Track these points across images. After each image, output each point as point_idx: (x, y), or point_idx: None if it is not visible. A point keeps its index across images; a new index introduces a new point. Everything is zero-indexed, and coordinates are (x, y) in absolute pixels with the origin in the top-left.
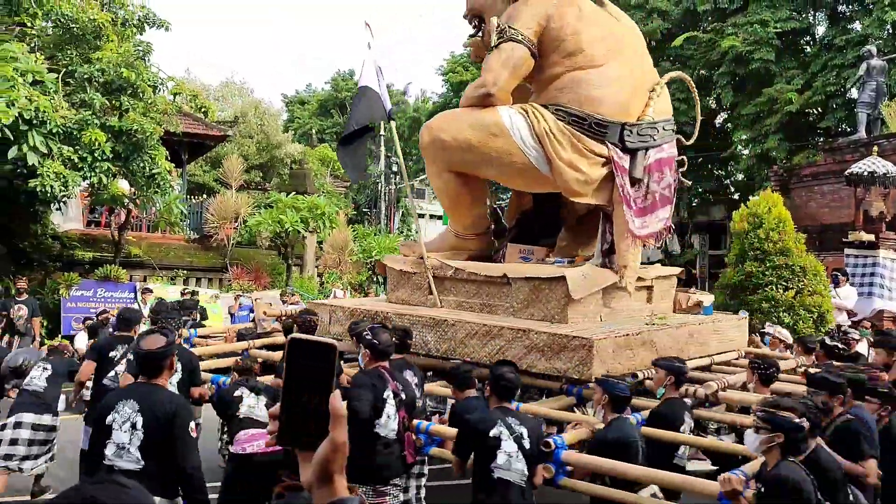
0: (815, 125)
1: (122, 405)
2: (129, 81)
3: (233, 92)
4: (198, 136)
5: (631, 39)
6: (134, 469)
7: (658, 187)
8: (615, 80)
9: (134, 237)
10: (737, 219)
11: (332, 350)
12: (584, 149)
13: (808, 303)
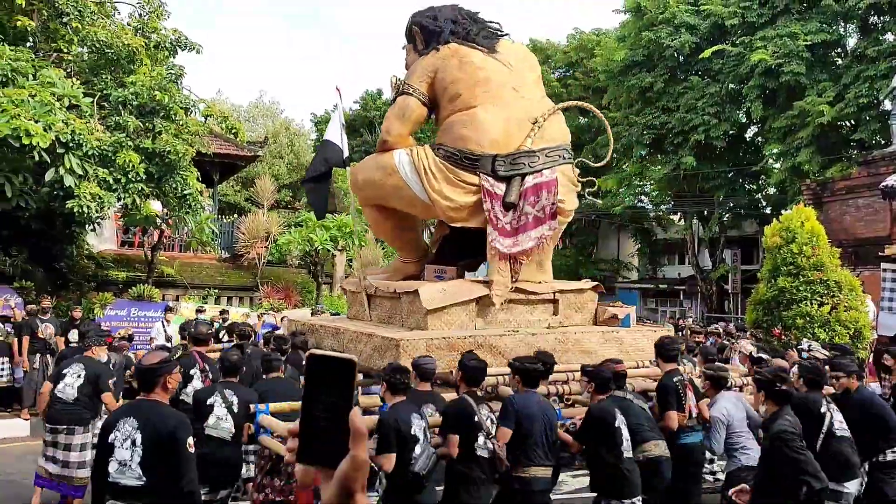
0: (848, 138)
1: (122, 423)
2: (161, 104)
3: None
4: (229, 157)
5: (516, 79)
6: (136, 485)
7: (533, 209)
8: (486, 119)
9: (166, 257)
10: (769, 234)
11: (352, 366)
12: (457, 180)
13: (844, 318)
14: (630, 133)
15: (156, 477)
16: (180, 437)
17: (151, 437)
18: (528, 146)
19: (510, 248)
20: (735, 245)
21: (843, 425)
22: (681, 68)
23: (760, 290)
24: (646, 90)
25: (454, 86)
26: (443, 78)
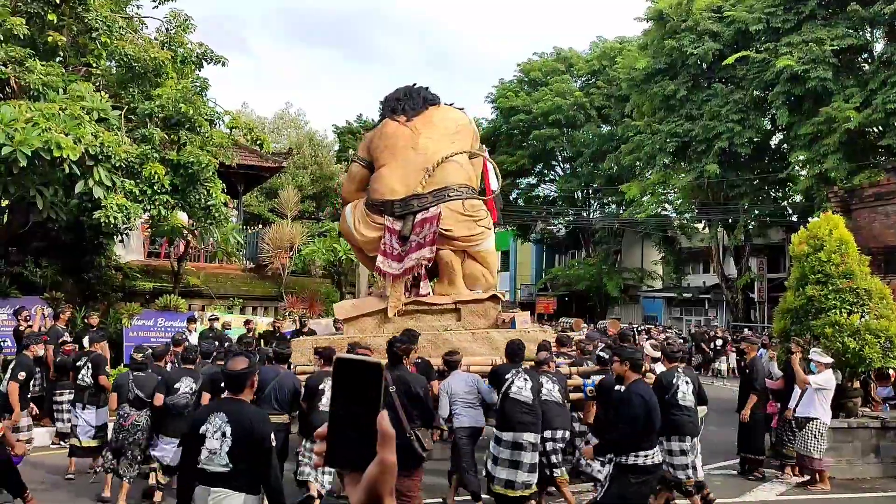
0: (876, 144)
1: (213, 417)
2: (187, 116)
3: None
4: (253, 168)
5: (419, 139)
6: (223, 471)
7: (417, 238)
8: (386, 174)
9: (193, 267)
10: (796, 241)
11: (380, 370)
12: (371, 221)
13: (875, 327)
14: (653, 141)
15: (240, 465)
16: (265, 433)
17: (240, 431)
18: (419, 190)
19: (398, 270)
20: (761, 253)
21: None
22: (704, 76)
23: (788, 299)
24: (669, 98)
25: (375, 151)
26: (372, 146)
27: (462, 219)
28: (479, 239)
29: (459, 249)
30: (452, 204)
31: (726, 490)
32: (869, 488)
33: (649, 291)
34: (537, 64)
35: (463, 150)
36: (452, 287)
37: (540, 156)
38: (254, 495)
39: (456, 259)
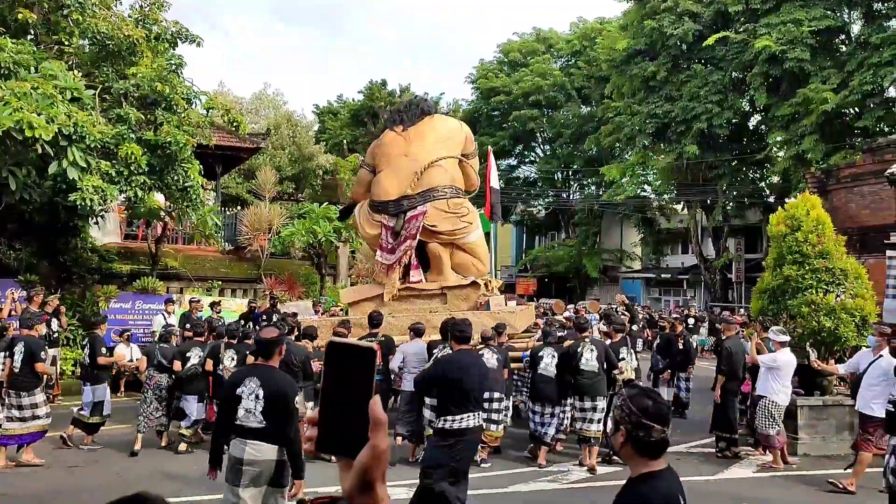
0: (852, 125)
1: (248, 381)
2: (163, 95)
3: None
4: (231, 149)
5: (411, 147)
6: (258, 427)
7: (406, 232)
8: (381, 178)
9: (170, 249)
10: (774, 222)
11: (372, 355)
12: (372, 219)
13: (850, 306)
14: (633, 122)
15: (272, 422)
16: (291, 395)
17: (271, 393)
18: (409, 192)
19: (390, 261)
20: (739, 234)
21: (588, 362)
22: (683, 57)
23: (766, 279)
24: (648, 79)
25: (375, 158)
26: (373, 154)
27: (446, 215)
28: (464, 232)
29: (447, 242)
30: (438, 203)
31: (702, 468)
32: (842, 464)
33: (628, 272)
34: (517, 44)
35: (452, 154)
36: (440, 275)
37: (520, 137)
38: (282, 446)
39: (444, 250)
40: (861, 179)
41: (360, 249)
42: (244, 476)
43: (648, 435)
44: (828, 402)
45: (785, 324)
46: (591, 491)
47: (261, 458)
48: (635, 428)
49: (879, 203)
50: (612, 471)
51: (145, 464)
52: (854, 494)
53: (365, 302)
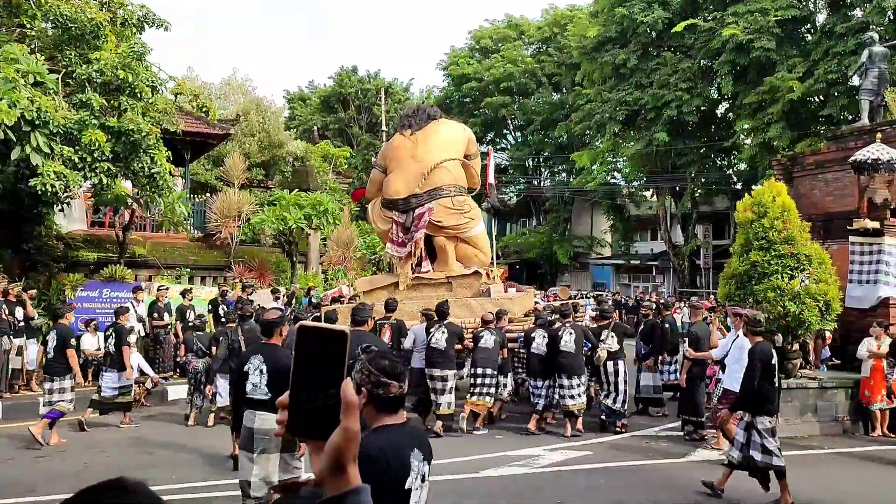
0: (818, 113)
1: (253, 358)
2: (127, 81)
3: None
4: (199, 135)
5: (417, 149)
6: (264, 399)
7: (415, 227)
8: (392, 178)
9: (138, 237)
10: (741, 208)
11: (344, 338)
12: (384, 216)
13: (814, 291)
14: (603, 110)
15: (276, 394)
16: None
17: (273, 368)
18: (417, 191)
19: (402, 253)
20: (707, 220)
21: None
22: (654, 44)
23: (733, 265)
24: (619, 66)
25: (386, 160)
26: (385, 156)
27: (451, 212)
28: (467, 227)
29: (451, 236)
30: (443, 200)
31: (670, 451)
32: (806, 446)
33: (598, 259)
34: (488, 31)
35: (455, 156)
36: (446, 266)
37: (491, 124)
38: None
39: (449, 243)
40: (825, 167)
41: (332, 237)
42: (256, 443)
43: (387, 391)
44: (792, 386)
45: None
46: (562, 474)
47: (268, 427)
48: (375, 386)
49: (843, 190)
50: (582, 455)
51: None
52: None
53: (378, 290)
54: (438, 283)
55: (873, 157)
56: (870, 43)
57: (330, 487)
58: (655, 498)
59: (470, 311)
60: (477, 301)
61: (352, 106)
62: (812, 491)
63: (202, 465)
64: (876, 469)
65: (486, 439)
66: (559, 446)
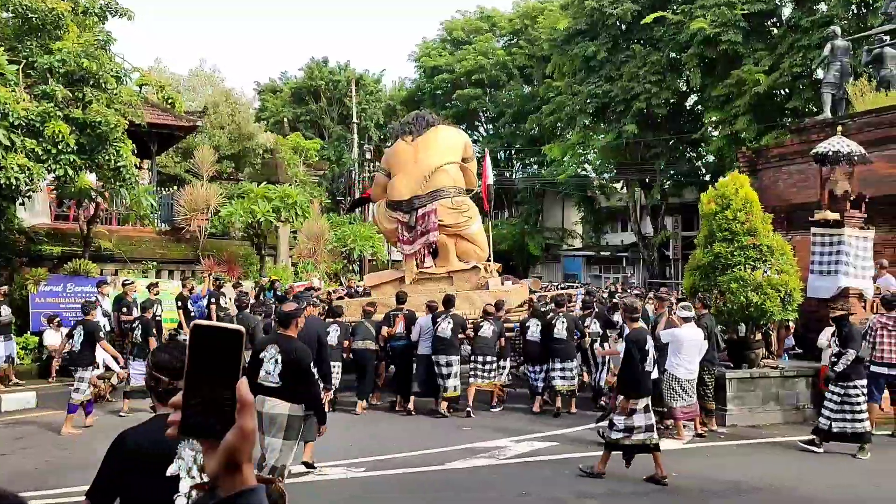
0: (783, 106)
1: (269, 347)
2: (91, 72)
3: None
4: (166, 128)
5: (418, 153)
6: (275, 387)
7: (420, 228)
8: (395, 182)
9: (103, 230)
10: (705, 200)
11: (239, 336)
12: (389, 216)
13: (775, 282)
14: (574, 102)
15: (286, 383)
16: (306, 360)
17: (287, 359)
18: (419, 193)
19: (409, 251)
20: (676, 212)
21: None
22: (623, 37)
23: (697, 256)
24: (589, 59)
25: (389, 165)
26: (388, 161)
27: (450, 211)
28: (465, 225)
29: (452, 234)
30: (443, 201)
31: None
32: (769, 434)
33: (569, 250)
34: (460, 23)
35: (454, 159)
36: (447, 261)
37: (463, 116)
38: (295, 404)
39: (449, 241)
40: (788, 159)
41: (302, 230)
42: (264, 424)
43: (158, 385)
44: (755, 375)
45: (716, 299)
46: (528, 466)
47: (276, 412)
48: (150, 379)
49: (805, 182)
50: (548, 445)
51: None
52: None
53: (385, 285)
54: (440, 278)
55: (834, 150)
56: (832, 37)
57: (224, 487)
58: (618, 488)
59: (470, 304)
60: (476, 294)
61: (323, 98)
62: (770, 479)
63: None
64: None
65: (453, 431)
66: (525, 437)
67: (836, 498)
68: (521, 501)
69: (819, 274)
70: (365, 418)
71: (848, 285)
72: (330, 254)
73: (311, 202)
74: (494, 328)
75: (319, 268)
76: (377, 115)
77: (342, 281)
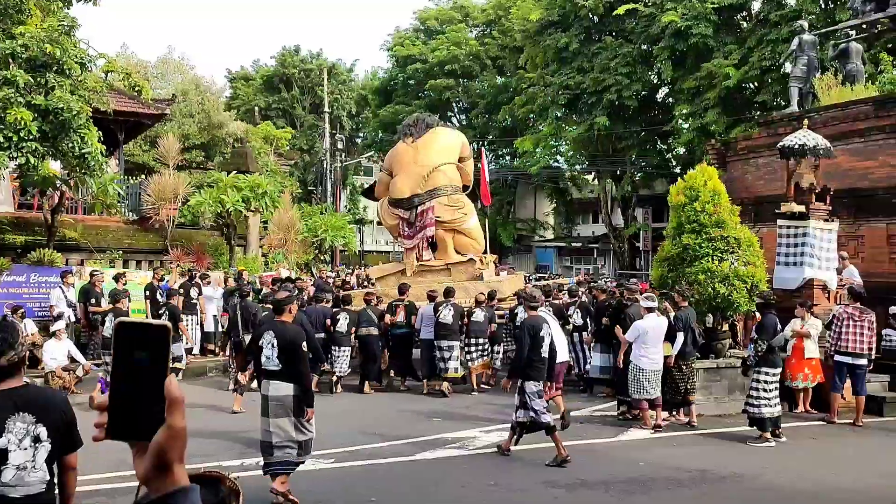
0: (752, 99)
1: (266, 334)
2: (54, 58)
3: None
4: (134, 115)
5: (417, 154)
6: (275, 369)
7: (420, 223)
8: (397, 181)
9: (69, 219)
10: (674, 192)
11: (165, 332)
12: (391, 212)
13: (742, 273)
14: (546, 93)
15: (285, 364)
16: (299, 342)
17: (283, 342)
18: (419, 191)
19: (409, 245)
20: (646, 204)
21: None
22: (595, 28)
23: (666, 247)
24: (561, 50)
25: (392, 165)
26: (390, 162)
27: (447, 208)
28: (461, 220)
29: (449, 229)
30: (441, 199)
31: (603, 431)
32: (734, 423)
33: (541, 241)
34: (433, 12)
35: (450, 160)
36: (445, 254)
37: (436, 106)
38: (295, 384)
39: (448, 235)
40: (756, 151)
41: (273, 220)
42: (270, 408)
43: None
44: (721, 365)
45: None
46: (497, 456)
47: (280, 393)
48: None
49: (773, 174)
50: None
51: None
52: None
53: (389, 276)
54: (439, 270)
55: (800, 143)
56: (800, 31)
57: (155, 488)
58: (585, 477)
59: (466, 293)
60: (472, 284)
61: (295, 86)
62: (735, 467)
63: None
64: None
65: (423, 422)
66: (494, 428)
67: (797, 486)
68: (490, 492)
69: (785, 265)
70: (337, 407)
71: (812, 277)
72: (301, 244)
73: (281, 192)
74: (486, 314)
75: (290, 258)
76: (349, 104)
77: (313, 271)
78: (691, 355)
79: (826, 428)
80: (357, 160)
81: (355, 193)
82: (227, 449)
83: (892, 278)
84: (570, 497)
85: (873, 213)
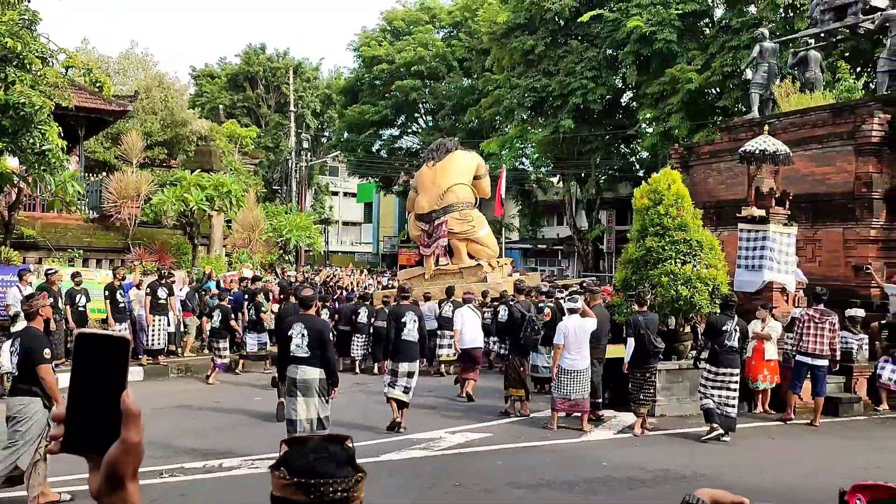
0: (714, 104)
1: (296, 325)
2: (14, 52)
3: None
4: (95, 112)
5: (436, 175)
6: (305, 356)
7: (436, 234)
8: (419, 199)
9: (27, 217)
10: (638, 195)
11: (125, 344)
12: (416, 225)
13: (704, 276)
14: (512, 96)
15: (314, 352)
16: (326, 331)
17: (312, 332)
18: (436, 207)
19: (428, 252)
20: (610, 206)
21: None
22: (561, 32)
23: (629, 250)
24: (527, 53)
25: (417, 185)
26: (415, 182)
27: (458, 221)
28: (472, 231)
29: (461, 238)
30: (454, 214)
31: (567, 432)
32: (695, 423)
33: (507, 243)
34: (400, 13)
35: (463, 181)
36: (459, 260)
37: (402, 107)
38: (322, 368)
39: (461, 243)
40: (718, 156)
41: (237, 219)
42: (298, 391)
43: None
44: (682, 366)
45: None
46: (462, 457)
47: (308, 377)
48: None
49: (734, 179)
50: (482, 437)
51: None
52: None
53: (413, 278)
54: (453, 273)
55: (760, 149)
56: (761, 39)
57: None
58: (548, 477)
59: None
60: (476, 285)
61: (260, 85)
62: (696, 466)
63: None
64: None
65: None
66: (460, 429)
67: (757, 484)
68: (455, 492)
69: (745, 269)
70: None
71: (772, 279)
72: (265, 244)
73: (246, 191)
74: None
75: (254, 258)
76: (315, 103)
77: (277, 271)
78: (646, 364)
79: (784, 427)
80: (322, 160)
81: (320, 193)
82: (191, 451)
83: (848, 281)
84: (534, 497)
85: (830, 217)
